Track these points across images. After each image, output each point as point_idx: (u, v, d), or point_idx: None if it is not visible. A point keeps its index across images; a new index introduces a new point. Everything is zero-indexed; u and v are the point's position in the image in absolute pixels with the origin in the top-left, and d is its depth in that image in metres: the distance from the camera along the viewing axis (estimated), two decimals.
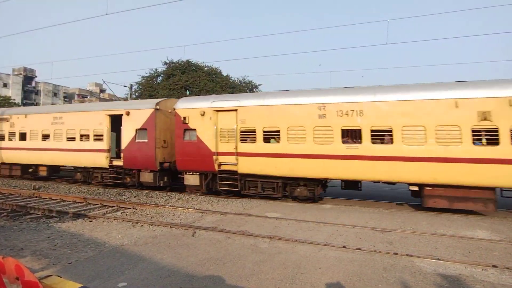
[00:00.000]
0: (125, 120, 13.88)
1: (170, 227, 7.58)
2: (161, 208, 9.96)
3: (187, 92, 27.34)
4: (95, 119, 14.65)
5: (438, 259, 5.40)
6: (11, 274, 1.69)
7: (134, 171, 13.97)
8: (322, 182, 11.42)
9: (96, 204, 10.66)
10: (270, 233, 7.02)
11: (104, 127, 14.33)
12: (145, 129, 13.35)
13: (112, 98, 50.62)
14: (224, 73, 33.19)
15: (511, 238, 6.88)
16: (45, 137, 16.21)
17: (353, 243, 6.35)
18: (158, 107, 13.34)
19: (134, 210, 9.74)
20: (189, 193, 13.13)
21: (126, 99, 30.44)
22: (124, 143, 13.82)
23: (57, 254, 5.71)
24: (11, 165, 17.86)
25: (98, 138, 14.50)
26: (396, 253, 5.69)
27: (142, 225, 7.79)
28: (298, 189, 11.20)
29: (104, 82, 27.32)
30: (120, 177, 14.30)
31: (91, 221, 8.29)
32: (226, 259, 5.42)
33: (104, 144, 14.30)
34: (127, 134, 13.77)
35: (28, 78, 60.82)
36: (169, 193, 13.01)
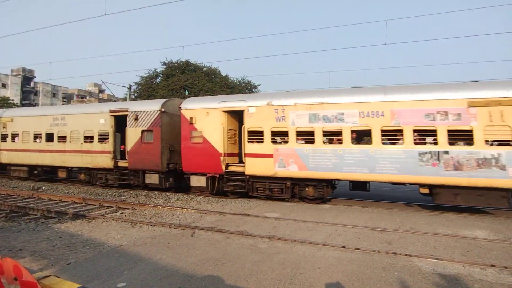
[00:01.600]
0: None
1: (169, 227, 7.57)
2: (160, 208, 9.95)
3: (186, 93, 27.34)
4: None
5: (437, 259, 5.41)
6: (9, 275, 1.69)
7: None
8: None
9: (95, 205, 10.65)
10: (269, 233, 7.02)
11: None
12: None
13: (111, 99, 50.59)
14: (223, 73, 33.24)
15: (509, 237, 6.90)
16: None
17: (352, 243, 6.36)
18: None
19: (133, 211, 9.73)
20: (188, 193, 13.21)
21: (125, 99, 30.43)
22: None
23: (56, 254, 5.70)
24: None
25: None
26: (395, 253, 5.70)
27: (141, 226, 7.78)
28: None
29: (103, 82, 27.33)
30: None
31: (90, 222, 8.28)
32: (225, 259, 5.42)
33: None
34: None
35: (27, 78, 60.70)
36: (168, 194, 13.00)
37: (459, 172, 8.93)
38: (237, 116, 12.56)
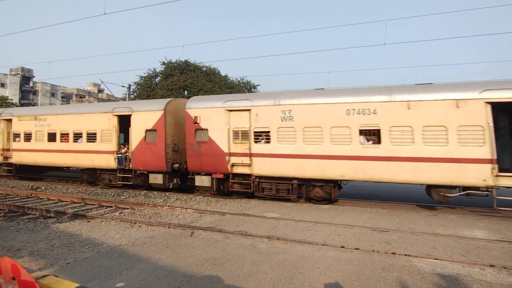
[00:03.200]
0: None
1: (168, 227, 7.56)
2: (159, 208, 9.94)
3: (186, 92, 27.32)
4: None
5: (436, 259, 5.41)
6: (7, 274, 1.67)
7: None
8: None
9: (94, 205, 10.63)
10: (269, 233, 7.02)
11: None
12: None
13: (110, 99, 50.53)
14: (223, 73, 33.22)
15: (508, 237, 6.91)
16: None
17: (351, 243, 6.36)
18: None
19: (132, 211, 9.71)
20: (188, 193, 13.22)
21: (124, 99, 30.40)
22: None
23: (55, 254, 5.68)
24: None
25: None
26: (394, 253, 5.70)
27: (140, 225, 7.77)
28: None
29: (102, 82, 27.24)
30: None
31: (89, 222, 8.26)
32: (224, 259, 5.41)
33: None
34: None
35: (25, 78, 60.59)
36: (167, 194, 12.98)
37: None
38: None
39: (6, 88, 56.59)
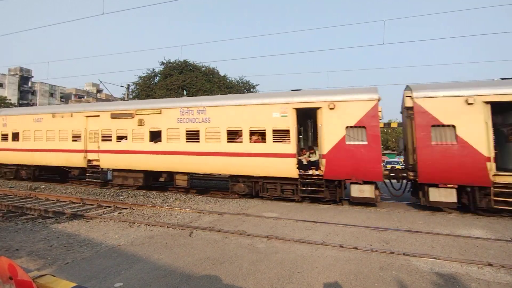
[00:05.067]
0: None
1: (167, 227, 7.56)
2: (158, 208, 9.93)
3: (185, 92, 27.30)
4: None
5: (435, 258, 5.43)
6: (4, 274, 1.67)
7: None
8: None
9: (93, 205, 10.62)
10: (267, 232, 7.02)
11: None
12: None
13: (109, 99, 50.45)
14: (222, 73, 33.20)
15: (506, 236, 6.93)
16: None
17: (350, 242, 6.37)
18: None
19: (131, 211, 9.70)
20: (186, 193, 13.24)
21: (123, 99, 30.35)
22: None
23: (53, 254, 5.67)
24: None
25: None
26: (392, 252, 5.71)
27: (139, 225, 7.76)
28: None
29: (101, 82, 27.18)
30: None
31: (87, 222, 8.25)
32: (223, 258, 5.42)
33: None
34: None
35: (24, 78, 60.39)
36: (166, 194, 12.99)
37: None
38: None
39: (5, 89, 56.40)
